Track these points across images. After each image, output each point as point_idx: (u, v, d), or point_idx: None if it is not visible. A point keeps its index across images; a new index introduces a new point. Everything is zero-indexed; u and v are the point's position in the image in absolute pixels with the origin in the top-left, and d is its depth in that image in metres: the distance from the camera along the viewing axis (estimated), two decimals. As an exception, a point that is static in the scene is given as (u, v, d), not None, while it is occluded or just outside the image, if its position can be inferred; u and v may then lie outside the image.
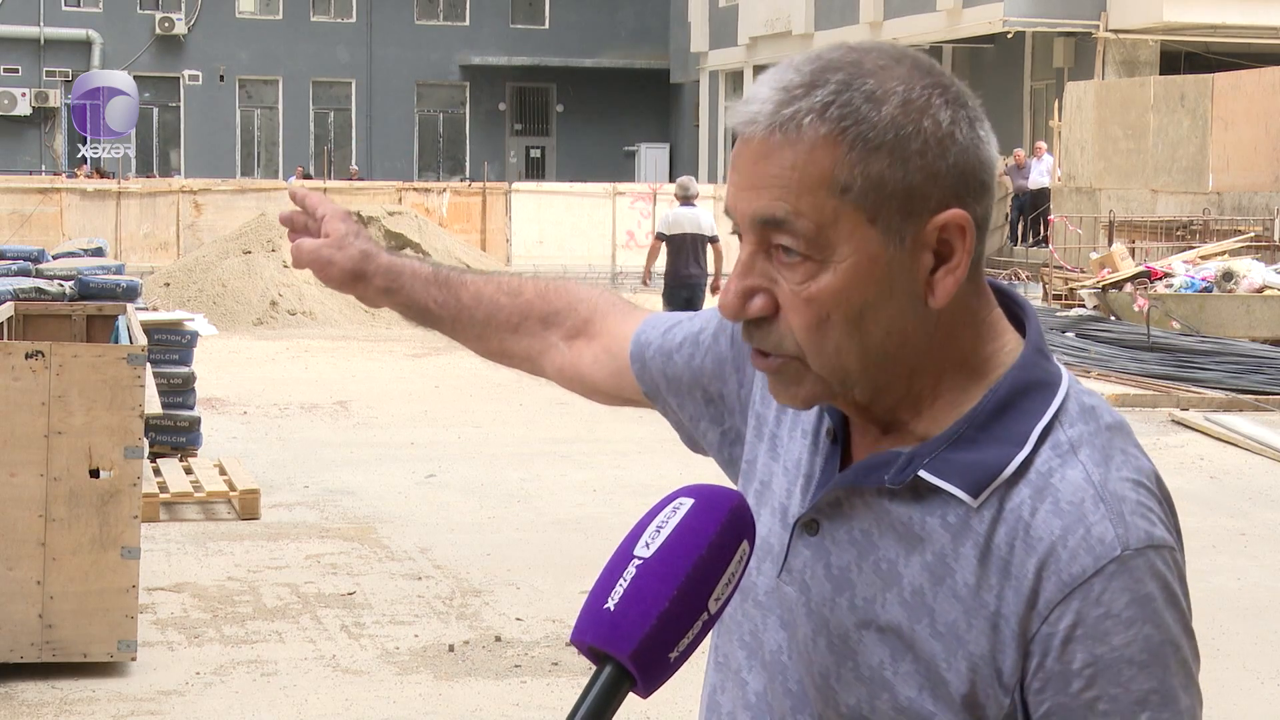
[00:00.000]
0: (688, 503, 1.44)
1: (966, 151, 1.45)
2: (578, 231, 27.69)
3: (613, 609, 1.40)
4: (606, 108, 46.24)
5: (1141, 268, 18.75)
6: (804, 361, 1.46)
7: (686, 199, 15.54)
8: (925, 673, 1.44)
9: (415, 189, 28.96)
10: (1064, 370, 1.49)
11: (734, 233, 1.50)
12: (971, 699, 1.42)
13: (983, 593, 1.42)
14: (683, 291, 15.14)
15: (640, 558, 1.41)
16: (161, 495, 9.33)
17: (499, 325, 1.95)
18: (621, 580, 1.41)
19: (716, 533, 1.42)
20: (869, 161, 1.42)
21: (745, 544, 1.44)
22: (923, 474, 1.45)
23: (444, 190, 28.77)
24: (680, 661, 1.42)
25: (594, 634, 1.41)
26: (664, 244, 15.42)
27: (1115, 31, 29.87)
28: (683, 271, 15.17)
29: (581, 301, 1.94)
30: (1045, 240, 26.50)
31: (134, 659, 6.53)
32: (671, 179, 40.20)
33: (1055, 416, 1.45)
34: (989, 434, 1.45)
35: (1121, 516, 1.40)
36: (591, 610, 1.41)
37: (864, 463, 1.49)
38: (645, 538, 1.43)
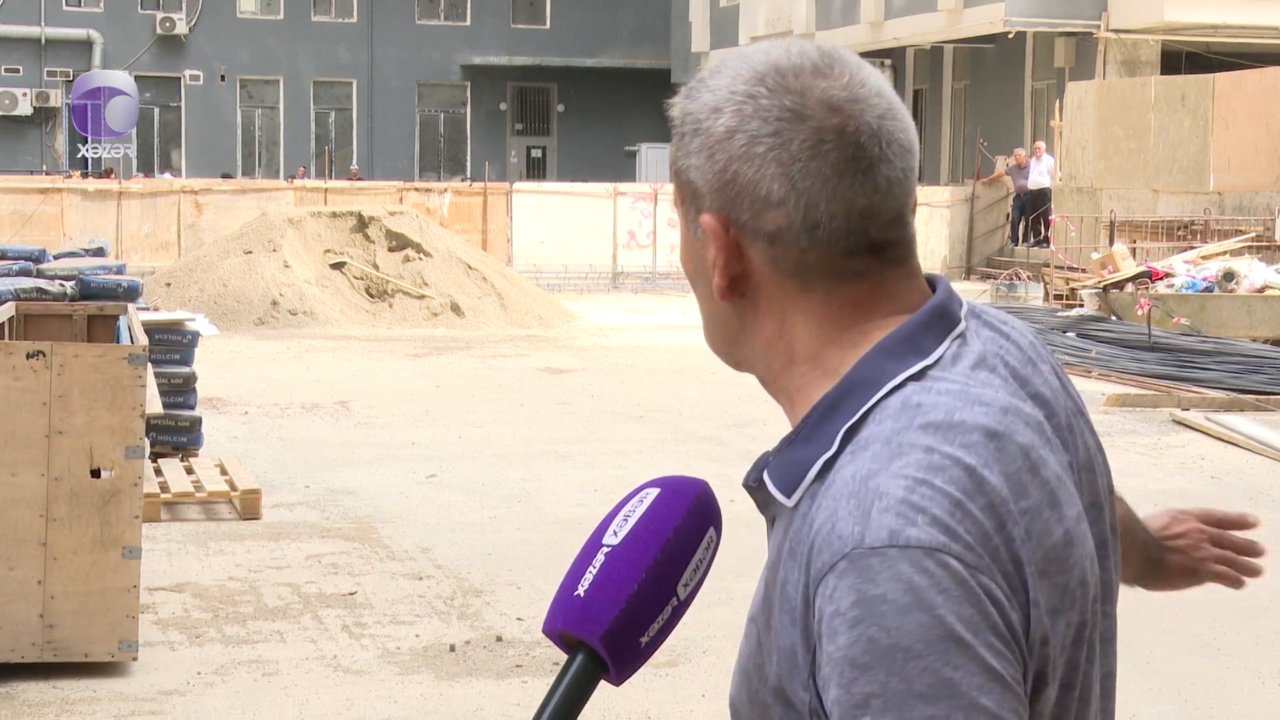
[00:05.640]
0: (654, 492, 1.49)
1: (744, 161, 1.47)
2: (579, 231, 27.69)
3: (583, 594, 1.43)
4: (607, 108, 46.24)
5: (1142, 268, 18.76)
6: None
7: None
8: (763, 666, 1.46)
9: (416, 189, 28.96)
10: (913, 369, 1.46)
11: None
12: (781, 692, 1.43)
13: (787, 587, 1.42)
14: None
15: (609, 545, 1.45)
16: (163, 495, 9.33)
17: None
18: (591, 568, 1.44)
19: (682, 519, 1.46)
20: (678, 148, 1.54)
21: (712, 531, 1.49)
22: (764, 475, 1.48)
23: (445, 190, 28.77)
24: (651, 648, 1.45)
25: (565, 620, 1.44)
26: None
27: (1116, 31, 29.86)
28: None
29: None
30: (1046, 240, 26.49)
31: (135, 659, 6.53)
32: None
33: (867, 414, 1.44)
34: (814, 433, 1.46)
35: (867, 513, 1.36)
36: (562, 598, 1.45)
37: (754, 462, 1.54)
38: (613, 527, 1.46)
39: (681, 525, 1.46)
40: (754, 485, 1.50)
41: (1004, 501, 1.39)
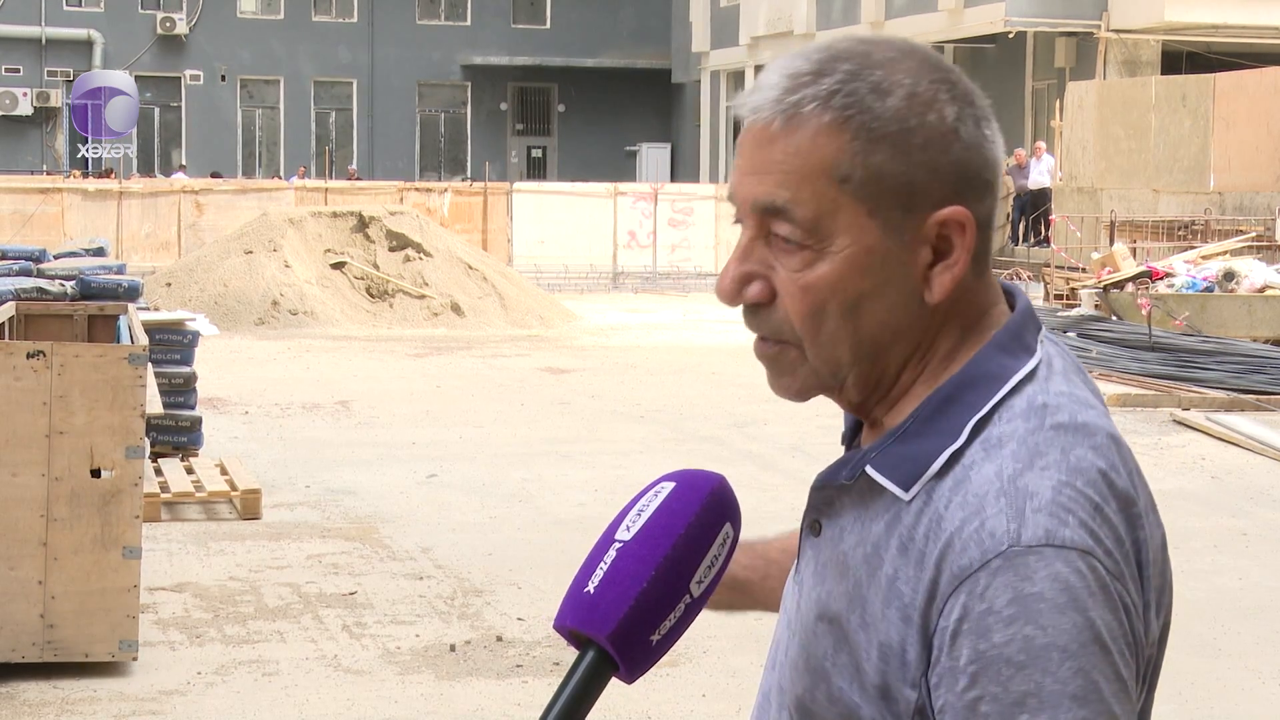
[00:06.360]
0: (669, 486, 1.46)
1: (970, 149, 1.46)
2: (579, 231, 27.69)
3: (593, 591, 1.41)
4: (608, 107, 46.25)
5: (1143, 268, 18.75)
6: (801, 350, 1.46)
7: None
8: (853, 664, 1.43)
9: (417, 189, 28.98)
10: (1028, 366, 1.46)
11: (736, 221, 1.49)
12: (884, 690, 1.41)
13: (899, 583, 1.41)
14: None
15: (621, 541, 1.43)
16: (163, 495, 9.33)
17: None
18: (602, 564, 1.42)
19: (696, 514, 1.43)
20: (871, 152, 1.42)
21: (728, 526, 1.46)
22: (868, 469, 1.45)
23: (445, 190, 28.78)
24: (664, 646, 1.43)
25: (574, 617, 1.42)
26: None
27: (1117, 31, 29.86)
28: None
29: None
30: (1046, 240, 26.49)
31: (135, 659, 6.53)
32: (673, 179, 40.25)
33: (995, 410, 1.43)
34: (930, 427, 1.44)
35: (1021, 512, 1.36)
36: (573, 595, 1.43)
37: (836, 460, 1.50)
38: (626, 522, 1.44)
39: (695, 521, 1.43)
40: (848, 482, 1.47)
41: (1131, 503, 1.41)
